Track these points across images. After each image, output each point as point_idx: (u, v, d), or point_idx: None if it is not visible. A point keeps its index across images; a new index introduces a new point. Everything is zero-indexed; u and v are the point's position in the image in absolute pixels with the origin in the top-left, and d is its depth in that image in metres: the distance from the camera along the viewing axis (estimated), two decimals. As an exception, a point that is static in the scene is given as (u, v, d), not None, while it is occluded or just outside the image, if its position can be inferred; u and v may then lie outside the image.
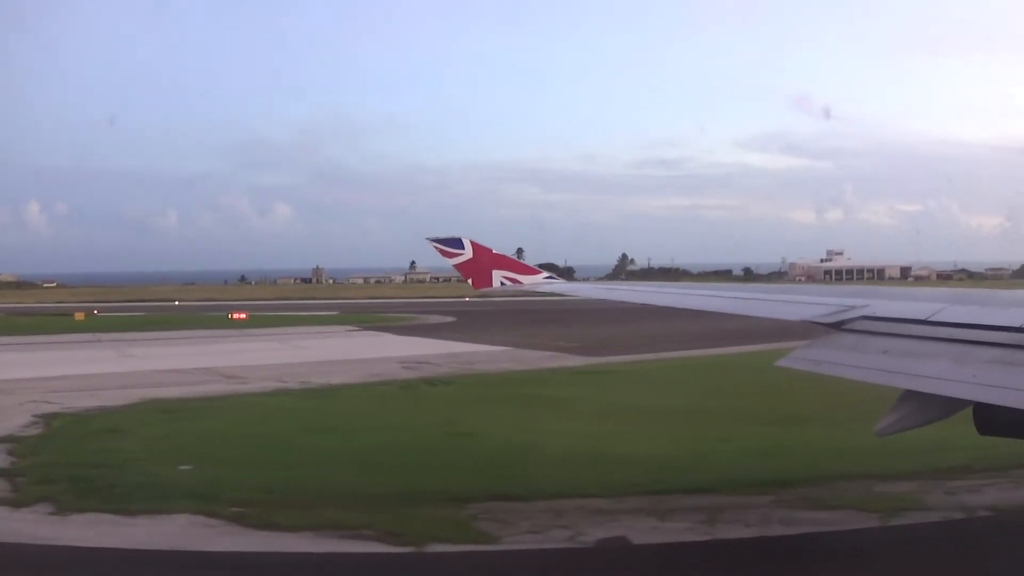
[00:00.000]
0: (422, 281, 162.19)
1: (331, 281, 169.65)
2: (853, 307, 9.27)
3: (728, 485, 14.35)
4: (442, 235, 17.52)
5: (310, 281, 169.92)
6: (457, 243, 17.14)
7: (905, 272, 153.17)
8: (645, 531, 12.15)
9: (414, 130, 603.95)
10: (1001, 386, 6.77)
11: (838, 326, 9.07)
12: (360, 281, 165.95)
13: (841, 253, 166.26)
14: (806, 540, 11.80)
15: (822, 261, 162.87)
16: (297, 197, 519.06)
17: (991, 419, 8.07)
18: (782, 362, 9.03)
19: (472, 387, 28.95)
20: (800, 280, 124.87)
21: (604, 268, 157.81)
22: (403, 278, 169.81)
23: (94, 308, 75.98)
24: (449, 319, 63.77)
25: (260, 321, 61.44)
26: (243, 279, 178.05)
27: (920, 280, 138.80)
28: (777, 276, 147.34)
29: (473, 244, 17.06)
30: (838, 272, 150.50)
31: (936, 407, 7.75)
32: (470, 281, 17.57)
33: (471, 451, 18.06)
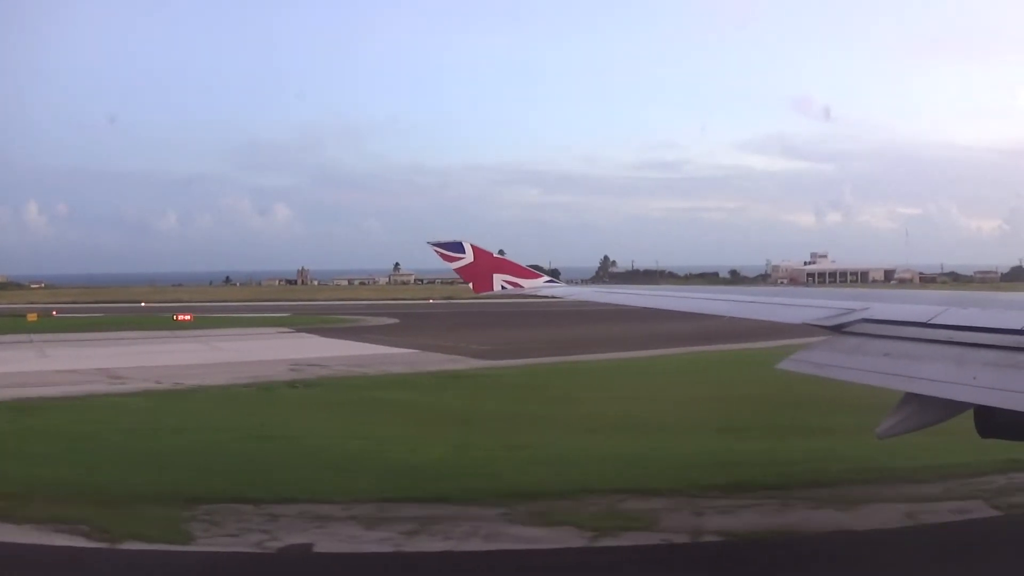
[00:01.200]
0: (406, 283, 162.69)
1: (316, 282, 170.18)
2: (853, 310, 9.28)
3: (475, 495, 14.13)
4: (443, 239, 17.55)
5: (295, 282, 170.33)
6: (458, 247, 17.15)
7: (889, 275, 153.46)
8: (340, 539, 12.06)
9: (414, 131, 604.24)
10: (1002, 388, 6.78)
11: (839, 329, 9.08)
12: (344, 283, 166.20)
13: (825, 256, 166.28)
14: (494, 557, 11.42)
15: (805, 264, 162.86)
16: (298, 198, 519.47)
17: (992, 422, 8.11)
18: (783, 365, 9.04)
19: (332, 390, 29.54)
20: (782, 282, 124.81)
21: (588, 270, 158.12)
22: (387, 280, 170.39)
23: (53, 310, 77.59)
24: (393, 321, 65.49)
25: (203, 323, 63.19)
26: (228, 280, 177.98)
27: (903, 283, 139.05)
28: (761, 279, 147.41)
29: (474, 248, 17.07)
30: (821, 275, 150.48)
31: (937, 409, 7.76)
32: (471, 285, 17.55)
33: (257, 453, 18.40)
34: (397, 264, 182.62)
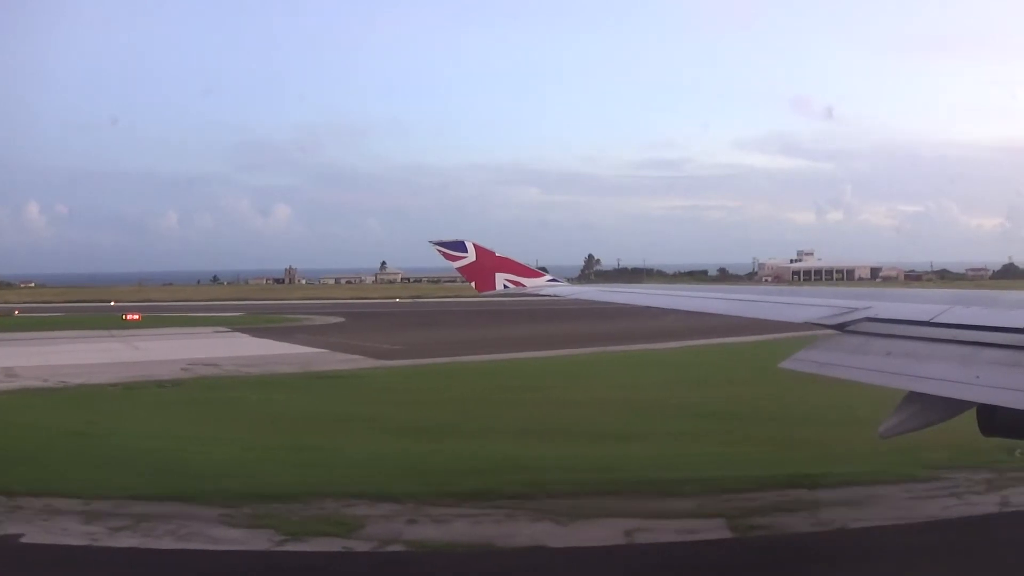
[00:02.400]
0: (392, 282, 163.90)
1: (303, 281, 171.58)
2: (856, 308, 9.26)
3: (215, 495, 14.22)
4: (445, 238, 17.53)
5: (283, 281, 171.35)
6: (460, 246, 17.13)
7: (875, 272, 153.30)
8: (52, 532, 12.44)
9: (415, 131, 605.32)
10: (1005, 387, 6.76)
11: (841, 328, 9.06)
12: (331, 281, 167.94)
13: (811, 253, 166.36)
14: (171, 556, 11.57)
15: (792, 261, 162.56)
16: (297, 198, 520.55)
17: (995, 421, 8.08)
18: (785, 364, 9.01)
19: (195, 390, 30.08)
20: (766, 280, 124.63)
21: (573, 269, 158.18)
22: (374, 279, 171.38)
23: (16, 309, 79.54)
24: (339, 320, 66.74)
25: (149, 323, 64.45)
26: (215, 279, 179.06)
27: (888, 280, 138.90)
28: (747, 278, 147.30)
29: (476, 247, 17.04)
30: (807, 272, 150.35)
31: (940, 409, 7.74)
32: (473, 284, 17.53)
33: (51, 449, 18.81)
34: (384, 263, 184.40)
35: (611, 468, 16.33)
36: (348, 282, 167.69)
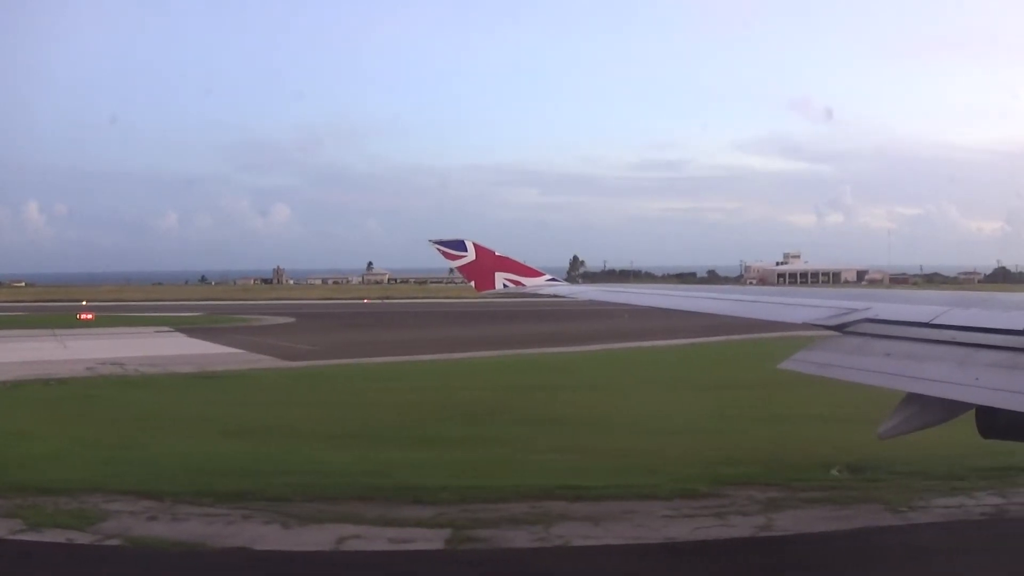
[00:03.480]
0: (379, 282, 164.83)
1: (291, 282, 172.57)
2: (855, 310, 9.26)
3: None
4: (445, 237, 17.53)
5: (270, 281, 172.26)
6: (460, 245, 17.12)
7: (861, 275, 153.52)
8: None
9: (414, 132, 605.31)
10: (1004, 389, 6.77)
11: (840, 329, 9.06)
12: (318, 282, 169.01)
13: (798, 256, 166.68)
14: None
15: (777, 264, 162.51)
16: (297, 198, 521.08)
17: (993, 422, 8.10)
18: (784, 364, 9.02)
19: (76, 387, 29.81)
20: (751, 282, 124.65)
21: (559, 271, 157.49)
22: (360, 279, 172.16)
23: None
24: (288, 321, 67.36)
25: (101, 322, 64.30)
26: (203, 279, 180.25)
27: (874, 283, 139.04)
28: (734, 280, 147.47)
29: (476, 246, 17.03)
30: (792, 275, 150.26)
31: (938, 410, 7.76)
32: (473, 284, 17.51)
33: None
34: (370, 263, 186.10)
35: (388, 473, 15.91)
36: (335, 282, 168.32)
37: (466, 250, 16.99)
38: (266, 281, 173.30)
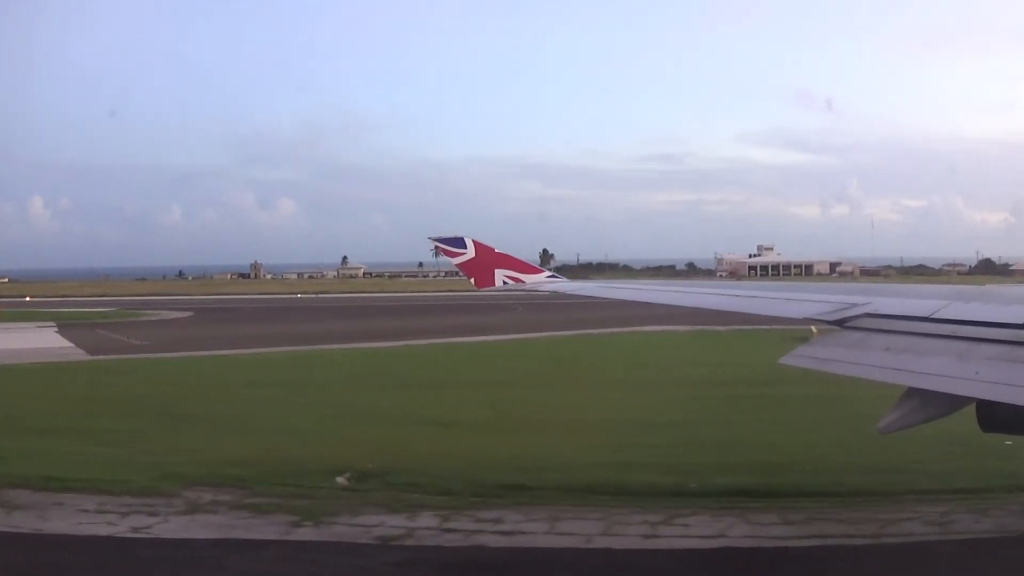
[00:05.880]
0: (354, 276, 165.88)
1: (269, 276, 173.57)
2: (855, 304, 9.27)
3: None
4: (445, 234, 17.49)
5: (248, 276, 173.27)
6: (459, 242, 17.08)
7: (834, 267, 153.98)
8: None
9: (416, 125, 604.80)
10: (1004, 383, 6.78)
11: (841, 323, 9.07)
12: (294, 276, 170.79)
13: (771, 248, 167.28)
14: None
15: (751, 256, 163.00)
16: (299, 191, 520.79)
17: (994, 416, 8.11)
18: (784, 360, 9.03)
19: None
20: (721, 275, 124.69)
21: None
22: (336, 273, 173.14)
23: None
24: (181, 316, 68.76)
25: (4, 316, 64.77)
26: (180, 274, 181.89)
27: (844, 276, 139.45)
28: (708, 273, 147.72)
29: (475, 243, 16.99)
30: (763, 268, 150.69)
31: (939, 404, 7.77)
32: (472, 280, 17.49)
33: None
34: (345, 257, 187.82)
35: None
36: (310, 277, 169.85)
37: (466, 247, 16.94)
38: (243, 276, 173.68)
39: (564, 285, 17.94)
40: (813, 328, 14.56)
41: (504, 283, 16.87)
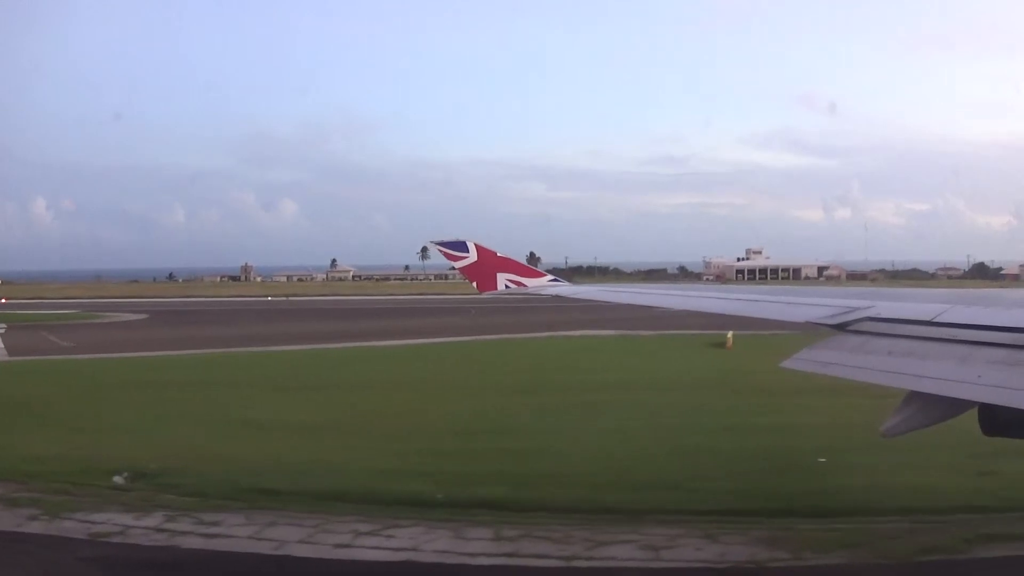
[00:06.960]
0: (342, 279, 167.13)
1: (259, 278, 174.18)
2: (857, 308, 9.28)
3: None
4: (447, 238, 17.48)
5: (238, 278, 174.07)
6: (461, 246, 17.07)
7: (821, 271, 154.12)
8: None
9: (419, 126, 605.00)
10: (1006, 387, 6.78)
11: (842, 327, 9.07)
12: (283, 279, 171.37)
13: (760, 252, 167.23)
14: None
15: (739, 260, 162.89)
16: (302, 193, 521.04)
17: (996, 420, 8.09)
18: (786, 363, 9.02)
19: None
20: (708, 279, 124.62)
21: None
22: (325, 276, 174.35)
23: None
24: (136, 318, 69.75)
25: None
26: (171, 276, 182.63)
27: (831, 280, 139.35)
28: (696, 277, 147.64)
29: (478, 247, 16.98)
30: (751, 271, 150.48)
31: (941, 408, 7.77)
32: (475, 284, 17.48)
33: None
34: (334, 260, 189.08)
35: None
36: (299, 279, 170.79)
37: (468, 251, 16.92)
38: (233, 278, 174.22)
39: (566, 289, 17.91)
40: (729, 335, 14.51)
41: (507, 287, 16.85)
